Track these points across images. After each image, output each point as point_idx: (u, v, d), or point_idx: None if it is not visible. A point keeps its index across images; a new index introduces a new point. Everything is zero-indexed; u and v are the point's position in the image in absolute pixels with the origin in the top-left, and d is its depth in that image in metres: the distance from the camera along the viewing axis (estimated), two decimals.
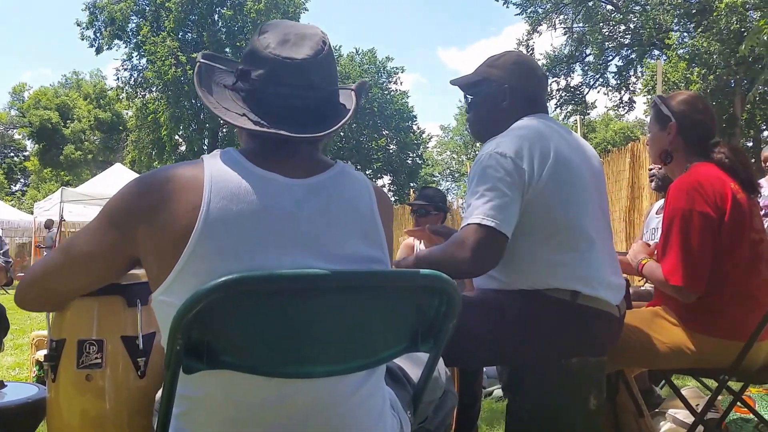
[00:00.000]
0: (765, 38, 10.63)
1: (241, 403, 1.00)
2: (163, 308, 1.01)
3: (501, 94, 1.78)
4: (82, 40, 26.64)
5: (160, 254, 1.01)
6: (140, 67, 26.92)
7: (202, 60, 1.19)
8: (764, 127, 21.13)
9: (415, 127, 33.84)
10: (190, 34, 26.09)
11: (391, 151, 33.03)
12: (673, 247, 1.85)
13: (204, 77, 1.17)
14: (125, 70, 27.43)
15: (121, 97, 29.84)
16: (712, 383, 2.00)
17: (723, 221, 1.82)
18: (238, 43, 24.71)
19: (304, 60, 1.10)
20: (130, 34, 26.46)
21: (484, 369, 3.04)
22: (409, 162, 33.68)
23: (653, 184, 3.79)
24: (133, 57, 26.91)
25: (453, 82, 1.89)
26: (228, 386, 0.99)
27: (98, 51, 26.81)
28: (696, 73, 17.23)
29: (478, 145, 1.83)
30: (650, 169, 3.84)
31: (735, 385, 1.98)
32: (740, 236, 1.84)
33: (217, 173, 1.03)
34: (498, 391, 3.40)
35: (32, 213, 17.91)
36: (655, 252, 2.00)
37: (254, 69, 1.11)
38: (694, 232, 1.81)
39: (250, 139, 1.15)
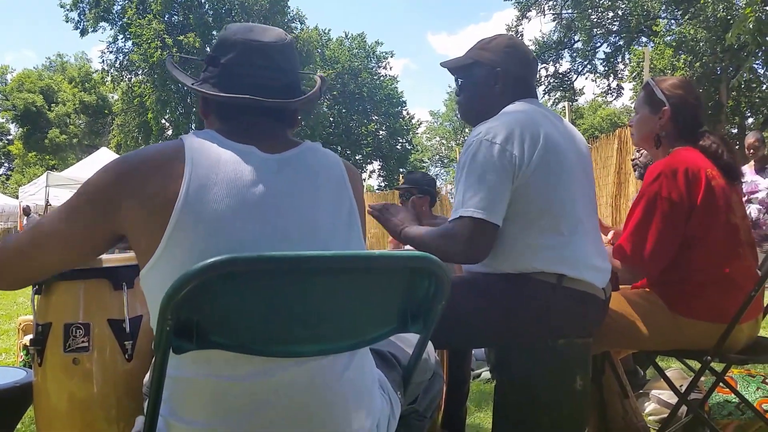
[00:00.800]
0: (751, 26, 10.66)
1: (230, 382, 1.01)
2: (152, 283, 1.04)
3: (493, 77, 1.77)
4: (67, 22, 26.23)
5: (148, 226, 1.03)
6: (126, 50, 26.57)
7: (168, 59, 1.35)
8: (749, 114, 21.28)
9: (404, 113, 33.75)
10: (176, 17, 25.72)
11: (380, 136, 32.95)
12: (630, 227, 1.89)
13: (174, 68, 1.30)
14: (110, 52, 27.06)
15: (106, 80, 29.43)
16: (696, 365, 2.02)
17: (694, 208, 1.83)
18: (225, 26, 24.43)
19: (270, 43, 1.20)
20: (116, 16, 26.04)
21: (473, 351, 3.06)
22: (399, 148, 33.62)
23: (636, 173, 3.81)
24: (118, 39, 26.54)
25: (443, 65, 1.89)
26: (217, 366, 1.00)
27: (83, 33, 26.38)
28: (682, 61, 17.30)
29: (467, 130, 1.83)
30: (633, 159, 3.86)
31: (718, 366, 2.01)
32: (713, 222, 1.85)
33: (197, 147, 1.08)
34: (486, 373, 3.44)
35: (17, 198, 17.73)
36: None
37: (223, 55, 1.20)
38: (656, 216, 1.84)
39: (222, 123, 1.20)
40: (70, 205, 1.13)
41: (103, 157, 15.25)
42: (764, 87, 19.03)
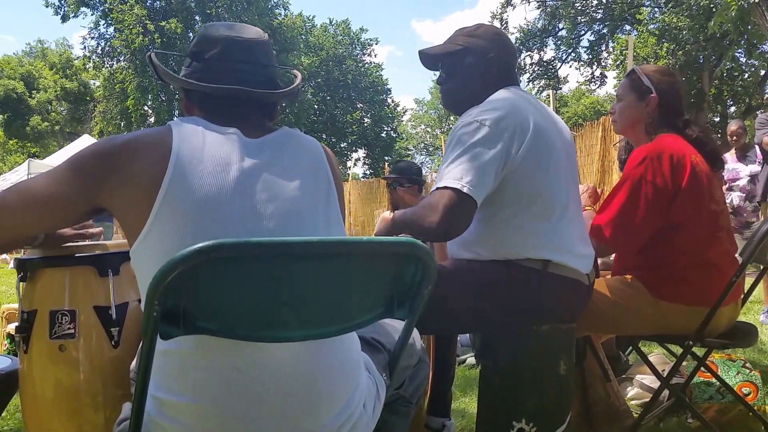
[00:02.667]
0: (733, 15, 10.76)
1: (218, 365, 1.02)
2: (142, 260, 1.07)
3: (484, 64, 1.77)
4: (47, 7, 25.70)
5: (135, 203, 1.07)
6: (107, 36, 26.14)
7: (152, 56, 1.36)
8: (731, 103, 21.47)
9: (389, 101, 33.60)
10: (158, 2, 25.32)
11: (365, 124, 32.80)
12: (613, 206, 1.91)
13: (157, 65, 1.33)
14: (92, 38, 26.59)
15: (88, 66, 28.99)
16: (678, 349, 2.06)
17: (678, 192, 1.86)
18: (208, 11, 24.07)
19: (251, 39, 1.28)
20: (97, 1, 25.59)
21: (458, 337, 3.09)
22: (384, 135, 33.49)
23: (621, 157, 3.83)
24: (100, 25, 26.06)
25: (427, 51, 1.84)
26: (204, 350, 1.02)
27: (64, 19, 25.82)
28: (665, 49, 17.37)
29: (452, 118, 1.83)
30: (615, 144, 3.89)
31: (699, 351, 2.05)
32: (698, 207, 1.88)
33: (184, 129, 1.13)
34: (471, 359, 3.47)
35: None
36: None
37: (207, 51, 1.26)
38: (640, 199, 1.86)
39: (206, 114, 1.22)
40: (55, 171, 1.15)
41: (85, 144, 15.02)
42: (746, 76, 19.19)
